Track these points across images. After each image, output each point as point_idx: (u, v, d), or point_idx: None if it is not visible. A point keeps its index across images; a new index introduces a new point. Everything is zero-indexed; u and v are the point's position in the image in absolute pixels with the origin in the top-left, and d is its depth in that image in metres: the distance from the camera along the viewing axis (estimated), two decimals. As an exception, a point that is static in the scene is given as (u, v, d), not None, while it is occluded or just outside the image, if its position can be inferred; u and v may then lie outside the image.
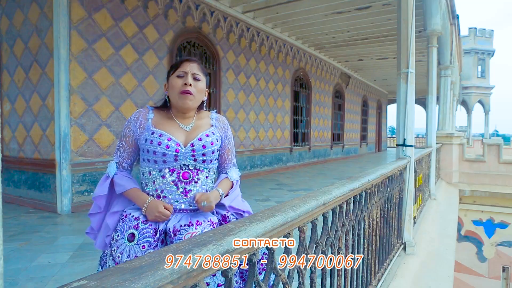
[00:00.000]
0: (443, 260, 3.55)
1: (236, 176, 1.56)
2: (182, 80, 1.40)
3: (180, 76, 1.41)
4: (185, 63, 1.43)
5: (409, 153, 3.25)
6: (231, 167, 1.57)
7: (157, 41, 6.04)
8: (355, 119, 16.68)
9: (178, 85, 1.40)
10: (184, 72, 1.41)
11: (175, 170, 1.38)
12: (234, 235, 0.76)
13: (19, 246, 3.41)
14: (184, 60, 1.44)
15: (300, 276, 1.15)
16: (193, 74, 1.42)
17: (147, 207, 1.35)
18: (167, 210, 1.34)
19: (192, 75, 1.42)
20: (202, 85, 1.45)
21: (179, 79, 1.41)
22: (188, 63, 1.43)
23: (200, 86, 1.44)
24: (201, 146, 1.39)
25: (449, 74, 8.69)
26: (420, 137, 28.30)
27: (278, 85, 9.92)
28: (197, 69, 1.44)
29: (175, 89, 1.40)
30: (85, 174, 4.96)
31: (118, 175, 1.45)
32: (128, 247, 1.30)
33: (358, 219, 1.85)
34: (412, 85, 3.34)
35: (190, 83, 1.40)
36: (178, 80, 1.41)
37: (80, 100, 4.87)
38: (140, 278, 0.52)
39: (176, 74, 1.42)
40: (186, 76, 1.41)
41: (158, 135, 1.37)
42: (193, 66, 1.43)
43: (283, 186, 7.39)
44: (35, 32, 4.95)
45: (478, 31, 25.50)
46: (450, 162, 9.15)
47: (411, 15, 3.27)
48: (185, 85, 1.39)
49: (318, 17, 8.55)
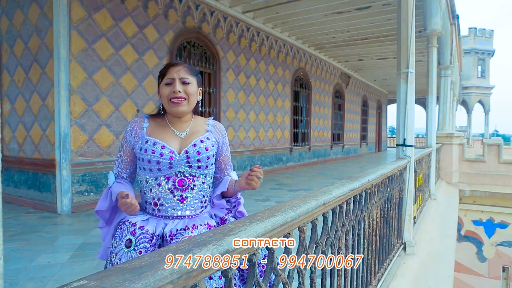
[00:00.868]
0: (443, 260, 3.55)
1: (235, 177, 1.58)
2: (171, 88, 1.38)
3: (169, 84, 1.38)
4: (171, 69, 1.39)
5: (409, 153, 3.25)
6: (230, 171, 1.58)
7: (157, 41, 6.04)
8: (355, 119, 16.68)
9: (167, 93, 1.37)
10: (171, 79, 1.38)
11: (171, 177, 1.37)
12: (234, 235, 0.76)
13: (19, 246, 3.41)
14: (170, 66, 1.41)
15: (300, 276, 1.15)
16: (180, 79, 1.38)
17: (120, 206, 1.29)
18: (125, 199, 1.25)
19: (180, 80, 1.38)
20: (192, 88, 1.41)
21: (167, 87, 1.38)
22: (174, 68, 1.39)
23: (191, 89, 1.40)
24: (195, 152, 1.38)
25: (449, 74, 8.69)
26: (420, 137, 28.31)
27: (278, 85, 9.92)
28: (184, 72, 1.39)
29: (165, 98, 1.38)
30: (85, 174, 4.96)
31: (115, 184, 1.43)
32: (125, 253, 1.31)
33: (358, 219, 1.85)
34: (412, 85, 3.34)
35: (179, 90, 1.37)
36: (167, 88, 1.38)
37: (80, 100, 4.87)
38: (140, 278, 0.52)
39: (164, 82, 1.39)
40: (174, 83, 1.37)
41: (152, 143, 1.36)
42: (179, 71, 1.39)
43: (283, 186, 7.39)
44: (35, 32, 4.95)
45: (478, 31, 25.51)
46: (450, 162, 9.15)
47: (411, 15, 3.27)
48: (173, 93, 1.37)
49: (318, 17, 8.54)
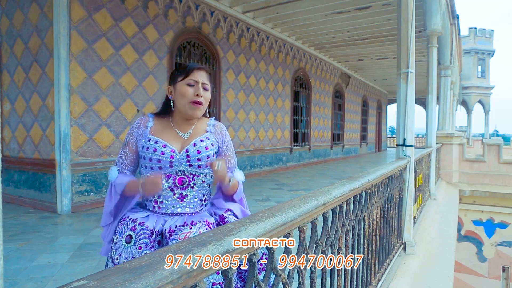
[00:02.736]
0: (443, 260, 3.55)
1: (241, 177, 1.55)
2: (193, 89, 1.39)
3: (191, 85, 1.40)
4: (196, 72, 1.41)
5: (409, 153, 3.25)
6: (233, 170, 1.56)
7: (157, 41, 6.04)
8: (355, 119, 16.68)
9: (189, 94, 1.39)
10: (195, 81, 1.40)
11: (171, 176, 1.39)
12: (234, 235, 0.76)
13: (19, 246, 3.41)
14: (195, 68, 1.42)
15: (300, 276, 1.15)
16: (203, 84, 1.41)
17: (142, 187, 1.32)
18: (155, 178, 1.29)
19: (202, 85, 1.41)
20: (209, 94, 1.45)
21: (189, 88, 1.39)
22: (199, 72, 1.42)
23: (208, 96, 1.44)
24: (195, 152, 1.40)
25: (449, 74, 8.69)
26: (420, 137, 28.32)
27: (278, 85, 9.92)
28: (206, 78, 1.43)
29: (186, 98, 1.39)
30: (85, 174, 4.96)
31: (118, 177, 1.45)
32: (125, 248, 1.32)
33: (358, 219, 1.85)
34: (412, 85, 3.34)
35: (202, 94, 1.40)
36: (189, 89, 1.39)
37: (80, 100, 4.87)
38: (140, 278, 0.52)
39: (186, 82, 1.40)
40: (197, 86, 1.40)
41: (154, 142, 1.39)
42: (203, 75, 1.42)
43: (283, 186, 7.39)
44: (35, 32, 4.95)
45: (478, 31, 25.50)
46: (450, 162, 9.15)
47: (411, 15, 3.27)
48: (197, 96, 1.39)
49: (318, 17, 8.54)
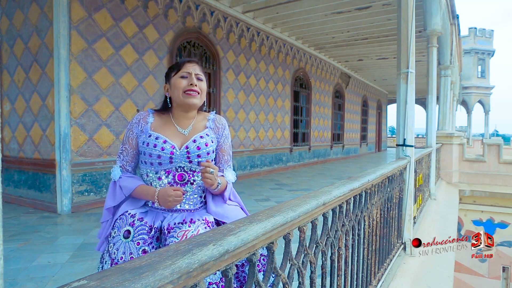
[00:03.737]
0: (443, 260, 3.55)
1: (231, 177, 1.53)
2: (187, 80, 1.43)
3: (184, 77, 1.44)
4: (187, 64, 1.46)
5: (409, 153, 3.25)
6: (226, 168, 1.54)
7: (157, 41, 6.04)
8: (355, 119, 16.68)
9: (183, 85, 1.42)
10: (187, 73, 1.44)
11: (171, 172, 1.41)
12: (234, 235, 0.75)
13: (19, 246, 3.41)
14: (186, 62, 1.47)
15: (300, 276, 1.15)
16: (196, 74, 1.45)
17: (157, 198, 1.36)
18: (177, 191, 1.35)
19: (195, 76, 1.45)
20: (204, 85, 1.48)
21: (183, 80, 1.43)
22: (190, 64, 1.46)
23: (204, 86, 1.48)
24: (195, 148, 1.41)
25: (449, 74, 8.68)
26: (420, 137, 28.30)
27: (278, 85, 9.92)
28: (198, 69, 1.48)
29: (180, 89, 1.42)
30: (85, 174, 4.96)
31: (122, 177, 1.46)
32: (123, 243, 1.32)
33: (358, 219, 1.85)
34: (412, 85, 3.34)
35: (196, 83, 1.43)
36: (182, 81, 1.43)
37: (80, 100, 4.87)
38: (140, 278, 0.52)
39: (180, 75, 1.44)
40: (191, 77, 1.43)
41: (155, 137, 1.40)
42: (195, 67, 1.46)
43: (283, 186, 7.39)
44: (35, 32, 4.95)
45: (478, 31, 25.50)
46: (450, 162, 9.14)
47: (411, 15, 3.27)
48: (191, 85, 1.42)
49: (318, 17, 8.54)
